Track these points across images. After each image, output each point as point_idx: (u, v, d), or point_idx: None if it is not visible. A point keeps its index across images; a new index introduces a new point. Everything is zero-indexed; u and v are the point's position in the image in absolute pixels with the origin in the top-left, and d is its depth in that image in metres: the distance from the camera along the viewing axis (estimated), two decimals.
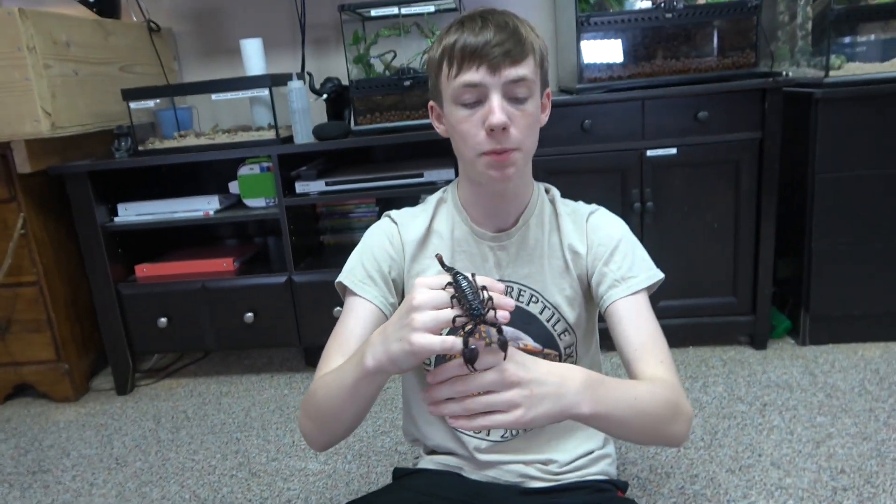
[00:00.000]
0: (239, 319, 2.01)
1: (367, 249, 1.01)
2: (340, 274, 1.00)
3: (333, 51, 2.34)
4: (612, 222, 1.02)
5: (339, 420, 0.88)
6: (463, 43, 0.86)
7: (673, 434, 0.86)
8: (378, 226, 1.05)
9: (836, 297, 1.94)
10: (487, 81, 0.86)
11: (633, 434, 0.85)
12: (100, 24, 2.07)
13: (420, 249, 1.01)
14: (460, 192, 1.01)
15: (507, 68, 0.85)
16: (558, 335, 1.00)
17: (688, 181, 1.91)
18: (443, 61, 0.89)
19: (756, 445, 1.54)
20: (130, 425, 1.90)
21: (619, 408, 0.80)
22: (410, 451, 1.64)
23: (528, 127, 0.89)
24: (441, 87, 0.91)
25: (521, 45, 0.86)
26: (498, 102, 0.86)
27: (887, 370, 1.82)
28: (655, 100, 1.85)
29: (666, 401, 0.84)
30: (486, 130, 0.87)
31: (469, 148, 0.90)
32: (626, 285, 0.95)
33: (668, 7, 1.85)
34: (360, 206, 2.26)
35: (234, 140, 1.99)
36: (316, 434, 0.92)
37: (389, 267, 1.00)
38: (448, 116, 0.92)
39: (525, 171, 0.96)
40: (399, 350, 0.73)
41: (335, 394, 0.85)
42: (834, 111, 1.81)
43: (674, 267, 1.93)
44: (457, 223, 1.01)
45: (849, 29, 1.92)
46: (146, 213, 2.02)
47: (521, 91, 0.87)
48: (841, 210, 1.87)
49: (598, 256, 0.98)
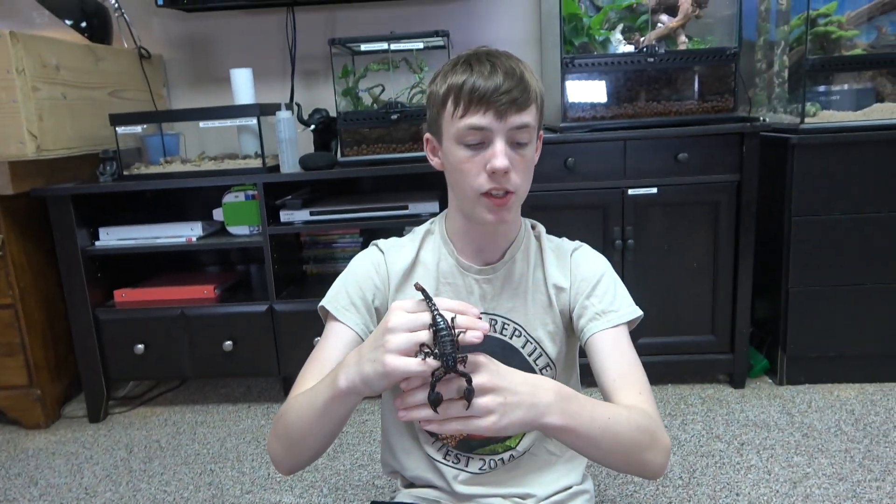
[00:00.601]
0: (218, 347, 1.99)
1: (352, 276, 1.02)
2: (324, 299, 1.00)
3: (322, 83, 2.38)
4: (595, 259, 1.04)
5: (307, 442, 0.88)
6: (472, 86, 0.87)
7: (648, 462, 0.86)
8: (365, 254, 1.05)
9: (813, 338, 1.97)
10: (493, 126, 0.87)
11: (606, 455, 0.84)
12: (91, 49, 2.09)
13: (405, 280, 1.01)
14: (448, 224, 1.03)
15: (512, 115, 0.87)
16: (539, 369, 1.01)
17: (668, 220, 1.94)
18: (448, 99, 0.90)
19: (734, 485, 1.54)
20: (102, 454, 1.86)
21: (592, 426, 0.80)
22: (388, 484, 1.62)
23: (526, 171, 0.92)
24: (442, 123, 0.92)
25: (526, 94, 0.88)
26: (501, 147, 0.87)
27: (862, 411, 1.84)
28: (637, 140, 1.89)
29: (641, 427, 0.85)
30: (488, 173, 0.88)
31: (469, 188, 0.91)
32: (607, 318, 0.96)
33: (650, 52, 1.90)
34: (345, 236, 2.27)
35: (220, 167, 2.00)
36: (283, 456, 0.92)
37: (374, 296, 1.00)
38: (448, 154, 0.93)
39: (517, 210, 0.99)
40: (372, 371, 0.74)
41: (306, 414, 0.85)
42: (809, 156, 1.86)
43: (654, 304, 1.97)
44: (443, 255, 1.02)
45: (823, 78, 1.99)
46: (128, 238, 2.01)
47: (523, 137, 0.89)
48: (816, 252, 1.91)
49: (581, 291, 0.99)
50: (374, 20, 2.34)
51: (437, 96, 0.92)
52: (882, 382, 2.00)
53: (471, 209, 0.93)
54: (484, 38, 2.34)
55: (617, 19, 2.02)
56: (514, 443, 1.03)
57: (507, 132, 0.88)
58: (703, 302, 1.98)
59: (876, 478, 1.53)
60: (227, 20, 2.37)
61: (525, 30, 2.35)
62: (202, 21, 2.38)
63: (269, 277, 1.99)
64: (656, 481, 1.57)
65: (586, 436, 0.80)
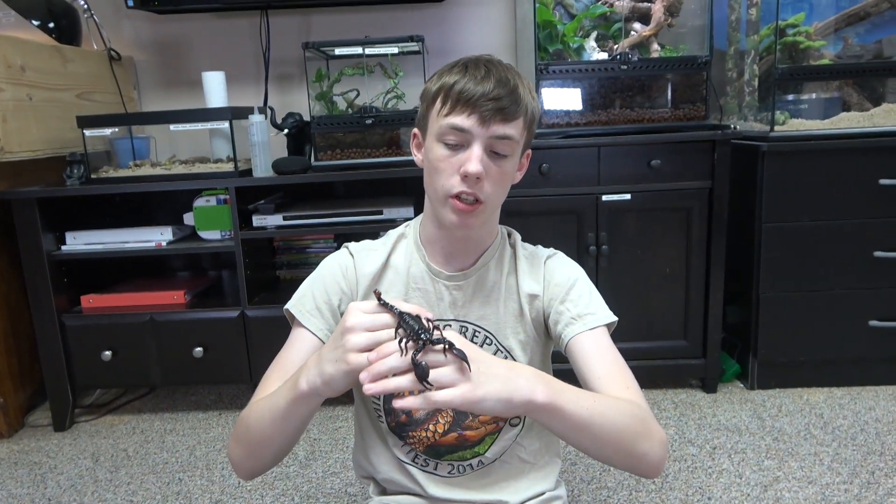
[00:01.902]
0: (188, 354, 1.96)
1: (318, 280, 1.00)
2: (290, 301, 0.99)
3: (297, 87, 2.36)
4: (569, 265, 1.04)
5: (268, 445, 0.88)
6: (461, 87, 0.87)
7: (644, 453, 0.83)
8: (334, 257, 1.04)
9: (783, 343, 2.00)
10: (474, 130, 0.87)
11: (597, 442, 0.81)
12: (58, 50, 2.04)
13: (374, 284, 1.00)
14: (422, 229, 1.02)
15: (496, 124, 0.87)
16: None
17: (641, 226, 1.96)
18: (437, 97, 0.90)
19: (706, 489, 1.55)
20: (67, 464, 1.81)
21: (579, 407, 0.78)
22: (361, 492, 1.60)
23: (499, 183, 0.91)
24: (429, 120, 0.93)
25: (515, 105, 0.88)
26: (478, 153, 0.87)
27: (831, 415, 1.87)
28: (611, 147, 1.90)
29: (631, 414, 0.83)
30: (461, 175, 0.88)
31: (441, 186, 0.90)
32: (583, 322, 0.95)
33: (623, 59, 1.92)
34: (319, 241, 2.25)
35: (191, 171, 1.97)
36: (243, 460, 0.92)
37: (340, 300, 0.99)
38: (428, 150, 0.93)
39: (490, 220, 0.98)
40: (334, 371, 0.75)
41: (267, 417, 0.85)
42: (779, 164, 1.89)
43: (627, 309, 1.98)
44: (414, 260, 1.01)
45: (792, 87, 2.03)
46: (96, 243, 1.97)
47: (502, 148, 0.89)
48: (786, 259, 1.94)
49: (555, 296, 0.99)
50: (349, 25, 2.34)
51: (429, 93, 0.93)
52: (850, 386, 2.03)
53: (438, 208, 0.93)
54: (459, 44, 2.35)
55: (591, 27, 2.04)
56: (482, 449, 1.02)
57: (487, 139, 0.88)
58: (676, 307, 2.00)
59: (844, 480, 1.55)
60: (200, 23, 2.34)
61: (500, 36, 2.35)
62: (174, 23, 2.35)
63: (241, 283, 1.96)
64: (628, 487, 1.57)
65: (574, 417, 0.78)
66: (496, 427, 1.01)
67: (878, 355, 1.99)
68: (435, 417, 0.99)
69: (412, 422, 1.00)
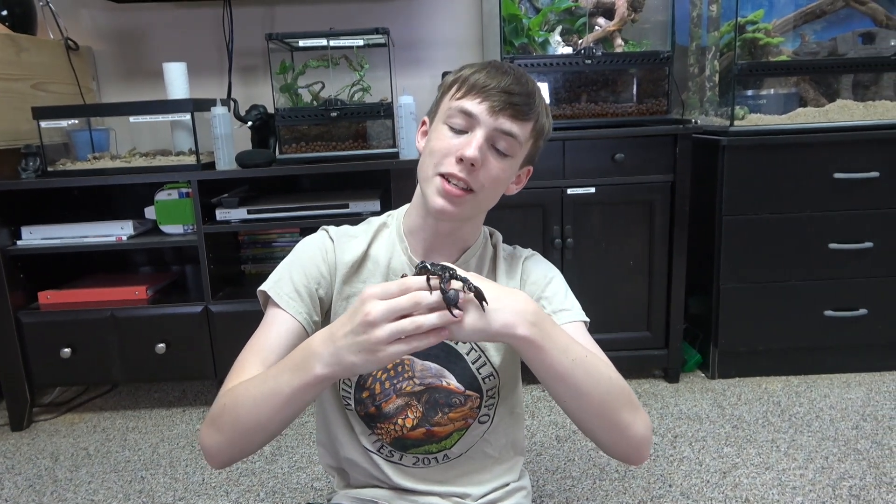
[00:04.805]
0: (150, 350, 1.92)
1: (297, 262, 0.98)
2: (266, 282, 0.97)
3: (261, 79, 2.33)
4: (546, 265, 1.05)
5: (261, 431, 0.85)
6: (478, 78, 0.89)
7: (628, 424, 0.85)
8: (313, 239, 1.02)
9: (742, 333, 2.05)
10: (482, 117, 0.88)
11: (579, 400, 0.82)
12: (11, 39, 1.98)
13: (353, 273, 0.99)
14: (407, 220, 1.01)
15: (504, 117, 0.88)
16: (482, 378, 1.00)
17: (605, 219, 1.98)
18: (454, 85, 0.92)
19: (667, 476, 1.58)
20: (25, 464, 1.77)
21: (564, 355, 0.80)
22: (327, 486, 1.60)
23: (493, 179, 0.91)
24: (442, 104, 0.94)
25: (527, 106, 0.89)
26: (480, 141, 0.87)
27: (788, 402, 1.92)
28: (576, 140, 1.92)
29: (620, 386, 0.85)
30: (457, 158, 0.88)
31: (434, 164, 0.90)
32: (559, 317, 0.96)
33: (588, 53, 1.94)
34: (284, 235, 2.23)
35: (152, 164, 1.93)
36: (225, 447, 0.87)
37: (318, 284, 0.97)
38: (432, 132, 0.94)
39: (475, 218, 0.98)
40: (361, 361, 0.74)
41: (265, 403, 0.82)
42: (738, 158, 1.93)
43: (592, 301, 1.98)
44: (396, 252, 1.00)
45: (752, 83, 2.07)
46: (53, 238, 1.92)
47: (504, 145, 0.89)
48: (746, 250, 1.99)
49: (531, 294, 1.00)
50: (314, 16, 2.31)
51: (446, 82, 0.94)
52: (806, 375, 2.09)
53: (425, 189, 0.92)
54: (425, 37, 2.34)
55: (556, 21, 2.05)
56: (449, 444, 1.02)
57: (492, 131, 0.88)
58: (639, 299, 2.03)
59: (800, 466, 1.60)
60: (161, 12, 2.30)
61: (466, 29, 2.35)
62: (134, 12, 2.29)
63: (204, 278, 1.93)
64: (591, 476, 1.60)
65: (556, 363, 0.79)
66: (465, 424, 1.01)
67: (832, 344, 2.06)
68: (405, 412, 0.99)
69: (382, 414, 1.00)
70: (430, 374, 0.98)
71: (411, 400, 0.99)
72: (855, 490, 1.49)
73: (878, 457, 1.62)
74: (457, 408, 0.99)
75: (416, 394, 0.99)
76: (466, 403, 0.99)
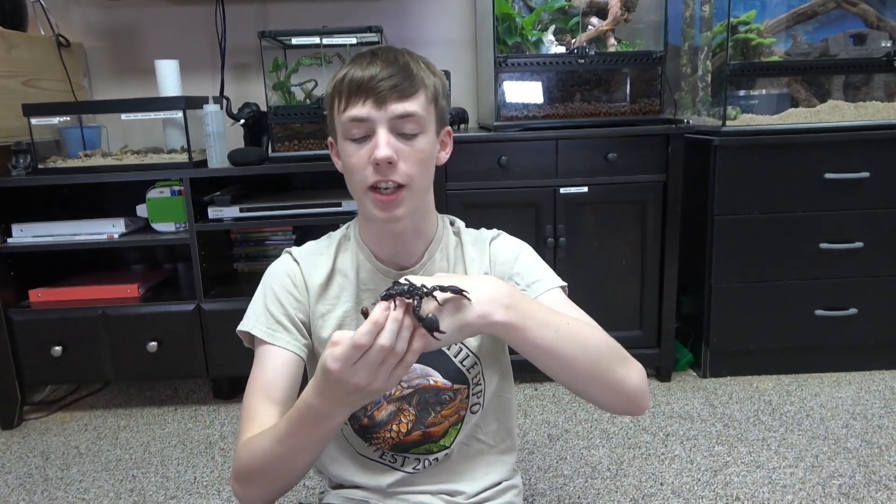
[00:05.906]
0: (142, 349, 1.92)
1: (270, 294, 0.98)
2: (244, 322, 0.96)
3: (254, 76, 2.32)
4: (513, 242, 1.04)
5: (301, 471, 0.88)
6: (350, 77, 0.86)
7: (622, 378, 0.84)
8: (279, 265, 1.01)
9: (734, 332, 2.06)
10: (374, 116, 0.86)
11: (570, 368, 0.82)
12: (2, 35, 1.97)
13: (324, 291, 0.99)
14: (362, 231, 1.00)
15: (393, 103, 0.86)
16: (467, 369, 1.00)
17: (598, 219, 1.99)
18: (334, 97, 0.89)
19: (658, 475, 1.59)
20: (15, 462, 1.76)
21: (546, 329, 0.79)
22: (318, 485, 1.60)
23: (418, 163, 0.89)
24: (334, 121, 0.91)
25: (409, 81, 0.87)
26: (384, 137, 0.85)
27: (778, 401, 1.93)
28: (568, 140, 1.93)
29: (608, 343, 0.85)
30: (373, 164, 0.86)
31: (357, 183, 0.89)
32: (533, 289, 0.96)
33: (581, 53, 1.94)
34: (277, 233, 2.22)
35: (144, 162, 1.93)
36: (268, 495, 0.89)
37: (296, 310, 0.97)
38: (341, 152, 0.92)
39: (423, 207, 0.96)
40: (364, 402, 0.78)
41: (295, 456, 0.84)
42: (730, 158, 1.93)
43: (584, 300, 1.98)
44: (361, 262, 0.99)
45: (744, 83, 2.08)
46: (44, 235, 1.91)
47: (409, 127, 0.87)
48: (738, 250, 2.00)
49: (502, 274, 1.00)
50: (307, 14, 2.31)
51: (327, 96, 0.92)
52: (797, 374, 2.10)
53: (364, 208, 0.91)
54: (418, 36, 2.34)
55: (549, 20, 2.06)
56: (448, 442, 1.02)
57: (390, 121, 0.86)
58: (632, 298, 2.04)
59: (790, 464, 1.61)
60: (153, 9, 2.29)
61: (460, 28, 2.35)
62: (126, 9, 2.28)
63: (196, 276, 1.92)
64: (583, 475, 1.60)
65: (540, 340, 0.79)
66: (458, 417, 1.01)
67: (823, 343, 2.07)
68: (398, 417, 0.99)
69: (375, 423, 0.99)
70: (415, 375, 0.98)
71: (402, 404, 0.99)
72: (844, 488, 1.50)
73: (867, 455, 1.63)
74: (447, 404, 0.99)
75: (406, 397, 0.99)
76: (456, 397, 1.00)
